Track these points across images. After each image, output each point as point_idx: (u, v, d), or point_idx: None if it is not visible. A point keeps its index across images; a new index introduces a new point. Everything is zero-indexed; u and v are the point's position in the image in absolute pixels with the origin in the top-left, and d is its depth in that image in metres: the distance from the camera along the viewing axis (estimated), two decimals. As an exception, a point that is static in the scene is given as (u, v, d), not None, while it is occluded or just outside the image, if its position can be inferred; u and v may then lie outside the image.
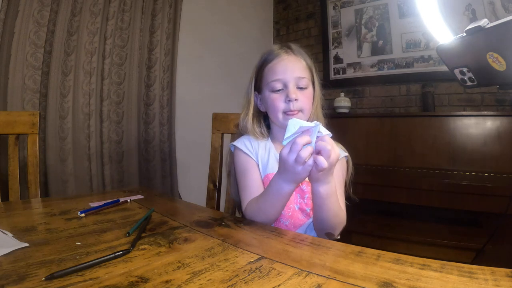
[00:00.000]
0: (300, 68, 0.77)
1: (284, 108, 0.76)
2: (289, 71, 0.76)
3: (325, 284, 0.39)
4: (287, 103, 0.75)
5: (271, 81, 0.77)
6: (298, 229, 0.77)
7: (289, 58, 0.79)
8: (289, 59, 0.78)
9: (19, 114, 1.00)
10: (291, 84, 0.75)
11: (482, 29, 0.52)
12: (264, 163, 0.80)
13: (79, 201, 0.83)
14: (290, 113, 0.75)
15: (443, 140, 1.68)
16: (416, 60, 2.11)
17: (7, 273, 0.41)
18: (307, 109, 0.77)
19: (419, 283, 0.39)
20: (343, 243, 0.56)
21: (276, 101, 0.76)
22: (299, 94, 0.75)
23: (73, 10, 1.52)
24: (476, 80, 0.62)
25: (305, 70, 0.78)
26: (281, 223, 0.77)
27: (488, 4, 1.78)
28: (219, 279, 0.40)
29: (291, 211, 0.77)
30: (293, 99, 0.74)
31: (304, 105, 0.76)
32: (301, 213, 0.78)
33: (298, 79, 0.76)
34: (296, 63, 0.78)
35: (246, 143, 0.82)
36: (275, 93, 0.77)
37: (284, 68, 0.77)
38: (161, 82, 1.91)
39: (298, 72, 0.76)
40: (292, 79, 0.75)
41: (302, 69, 0.77)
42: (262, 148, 0.82)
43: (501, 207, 1.40)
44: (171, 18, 1.95)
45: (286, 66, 0.77)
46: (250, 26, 2.64)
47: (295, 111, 0.75)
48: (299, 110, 0.76)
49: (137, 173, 1.80)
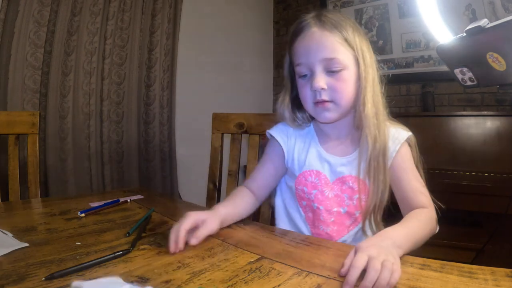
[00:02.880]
0: (329, 46, 0.59)
1: (312, 98, 0.62)
2: (313, 51, 0.60)
3: (325, 284, 0.39)
4: (313, 92, 0.61)
5: (295, 65, 0.64)
6: (343, 237, 0.65)
7: (316, 33, 0.60)
8: (315, 35, 0.60)
9: (19, 114, 1.00)
10: (317, 69, 0.60)
11: (482, 29, 0.52)
12: (301, 159, 0.68)
13: (79, 201, 0.83)
14: (320, 104, 0.61)
15: (443, 140, 1.68)
16: (416, 60, 2.11)
17: (7, 273, 0.40)
18: (343, 98, 0.60)
19: (419, 283, 0.39)
20: (343, 243, 0.56)
21: (303, 89, 0.63)
22: (329, 80, 0.59)
23: (73, 10, 1.52)
24: (476, 80, 0.62)
25: (339, 47, 0.59)
26: (321, 231, 0.65)
27: (488, 4, 1.78)
28: (219, 279, 0.40)
29: (334, 216, 0.64)
30: (318, 89, 0.59)
31: (337, 94, 0.60)
32: (348, 218, 0.64)
33: (326, 61, 0.59)
34: (323, 40, 0.59)
35: (282, 131, 0.72)
36: (302, 79, 0.63)
37: (308, 48, 0.61)
38: (161, 82, 1.91)
39: (326, 52, 0.59)
40: (318, 62, 0.59)
41: (333, 47, 0.59)
42: (301, 141, 0.69)
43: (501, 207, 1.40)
44: (171, 18, 1.95)
45: (309, 45, 0.60)
46: (250, 26, 2.64)
47: (324, 102, 0.60)
48: (331, 101, 0.60)
49: (137, 173, 1.80)
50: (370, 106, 0.61)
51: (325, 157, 0.66)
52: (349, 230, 0.65)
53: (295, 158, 0.69)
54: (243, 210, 0.67)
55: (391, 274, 0.38)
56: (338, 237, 0.64)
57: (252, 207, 0.70)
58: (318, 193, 0.65)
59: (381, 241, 0.45)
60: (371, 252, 0.41)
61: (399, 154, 0.62)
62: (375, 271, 0.38)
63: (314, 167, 0.66)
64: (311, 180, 0.66)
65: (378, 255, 0.40)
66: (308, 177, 0.67)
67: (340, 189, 0.65)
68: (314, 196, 0.65)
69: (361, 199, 0.63)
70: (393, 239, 0.46)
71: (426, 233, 0.54)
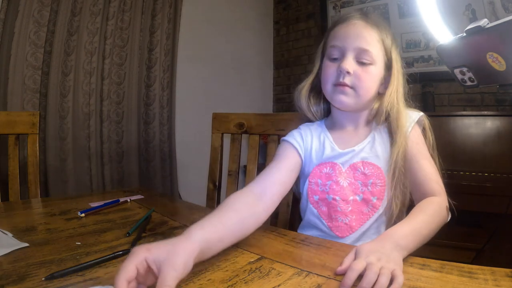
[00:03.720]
0: (366, 38, 0.61)
1: (334, 79, 0.62)
2: (351, 38, 0.62)
3: (325, 284, 0.39)
4: (338, 73, 0.62)
5: (329, 46, 0.65)
6: (362, 226, 0.62)
7: (358, 23, 0.63)
8: (357, 25, 0.63)
9: (19, 114, 1.00)
10: (349, 53, 0.61)
11: (482, 29, 0.52)
12: (318, 156, 0.67)
13: (79, 201, 0.83)
14: (340, 86, 0.62)
15: (443, 140, 1.68)
16: (416, 60, 2.11)
17: (7, 273, 0.40)
18: (364, 88, 0.61)
19: (419, 283, 0.39)
20: (343, 243, 0.56)
21: (327, 69, 0.64)
22: (357, 68, 0.61)
23: (73, 10, 1.52)
24: (476, 80, 0.62)
25: (375, 43, 0.62)
26: (340, 222, 0.63)
27: (488, 4, 1.78)
28: (219, 279, 0.40)
29: (350, 205, 0.62)
30: (344, 70, 0.60)
31: (359, 83, 0.61)
32: (365, 205, 0.62)
33: (360, 51, 0.61)
34: (363, 31, 0.62)
35: (297, 137, 0.68)
36: (330, 61, 0.64)
37: (346, 34, 0.63)
38: (161, 82, 1.91)
39: (363, 42, 0.61)
40: (352, 49, 0.61)
41: (370, 41, 0.61)
42: (316, 141, 0.68)
43: (501, 207, 1.40)
44: (171, 18, 1.95)
45: (349, 32, 0.63)
46: (250, 26, 2.64)
47: (345, 85, 0.61)
48: (351, 87, 0.61)
49: (137, 173, 1.81)
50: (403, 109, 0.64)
51: (337, 149, 0.66)
52: (368, 217, 0.62)
53: (313, 157, 0.67)
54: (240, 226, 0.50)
55: (395, 279, 0.37)
56: (358, 226, 0.62)
57: (256, 219, 0.54)
58: (333, 184, 0.64)
59: (382, 246, 0.43)
60: (370, 259, 0.40)
61: (410, 137, 0.62)
62: (374, 274, 0.38)
63: (330, 160, 0.66)
64: (326, 171, 0.65)
65: (377, 262, 0.40)
66: (323, 169, 0.65)
67: (353, 176, 0.63)
68: (329, 187, 0.64)
69: (375, 183, 0.62)
70: (396, 241, 0.45)
71: (434, 226, 0.53)
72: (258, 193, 0.56)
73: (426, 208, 0.55)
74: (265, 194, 0.56)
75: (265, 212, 0.56)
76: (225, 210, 0.51)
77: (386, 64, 0.64)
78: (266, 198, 0.56)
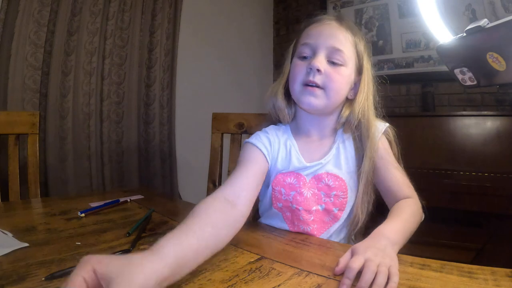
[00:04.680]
0: (340, 38, 0.60)
1: (304, 77, 0.60)
2: (323, 36, 0.60)
3: (325, 284, 0.39)
4: (308, 71, 0.59)
5: (301, 44, 0.62)
6: (323, 234, 0.64)
7: (332, 24, 0.61)
8: (331, 25, 0.61)
9: (19, 114, 1.00)
10: (321, 52, 0.59)
11: (482, 29, 0.52)
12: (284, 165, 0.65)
13: (79, 201, 0.83)
14: (309, 87, 0.59)
15: (443, 140, 1.68)
16: (416, 60, 2.11)
17: (7, 273, 0.40)
18: (334, 90, 0.59)
19: (419, 283, 0.39)
20: (343, 243, 0.56)
21: (297, 68, 0.61)
22: (328, 67, 0.59)
23: (73, 10, 1.52)
24: (476, 80, 0.62)
25: (348, 45, 0.60)
26: (301, 229, 0.64)
27: (488, 4, 1.78)
28: (219, 279, 0.40)
29: (313, 215, 0.63)
30: (314, 68, 0.58)
31: (330, 83, 0.58)
32: (327, 215, 0.63)
33: (332, 50, 0.59)
34: (336, 32, 0.60)
35: (265, 142, 0.64)
36: (300, 60, 0.62)
37: (319, 33, 0.60)
38: (161, 82, 1.91)
39: (336, 41, 0.59)
40: (324, 47, 0.59)
41: (343, 41, 0.60)
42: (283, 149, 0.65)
43: (501, 207, 1.40)
44: (171, 18, 1.95)
45: (322, 30, 0.61)
46: (250, 26, 2.64)
47: (314, 85, 0.59)
48: (321, 87, 0.59)
49: (137, 173, 1.80)
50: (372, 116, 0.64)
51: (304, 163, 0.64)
52: (329, 226, 0.63)
53: (278, 165, 0.65)
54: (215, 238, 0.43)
55: (391, 278, 0.38)
56: (319, 234, 0.63)
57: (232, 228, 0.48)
58: (296, 194, 0.63)
59: (377, 242, 0.45)
60: (368, 255, 0.41)
61: (380, 147, 0.63)
62: (371, 272, 0.38)
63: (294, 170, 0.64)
64: (290, 181, 0.64)
65: (374, 257, 0.40)
66: (287, 178, 0.64)
67: (317, 187, 0.63)
68: (292, 197, 0.63)
69: (338, 195, 0.62)
70: (389, 238, 0.47)
71: (415, 225, 0.55)
72: (231, 200, 0.51)
73: (406, 207, 0.57)
74: (239, 200, 0.52)
75: (241, 219, 0.51)
76: (198, 219, 0.43)
77: (357, 68, 0.63)
78: (241, 205, 0.51)
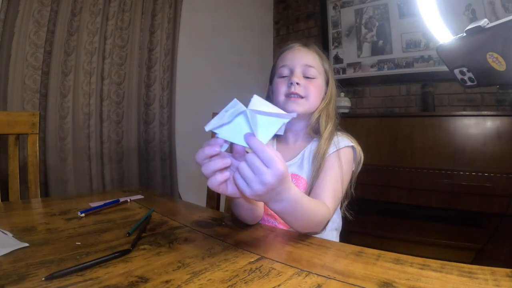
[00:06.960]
0: (310, 58, 0.76)
1: (286, 90, 0.74)
2: (297, 58, 0.76)
3: (325, 284, 0.39)
4: (289, 85, 0.73)
5: (280, 67, 0.77)
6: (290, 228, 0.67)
7: (301, 49, 0.78)
8: (301, 50, 0.78)
9: (19, 114, 1.00)
10: (297, 69, 0.74)
11: (482, 29, 0.52)
12: None
13: (79, 201, 0.83)
14: (292, 96, 0.73)
15: (443, 140, 1.68)
16: (416, 60, 2.11)
17: (7, 273, 0.40)
18: (312, 97, 0.74)
19: (419, 283, 0.39)
20: (343, 243, 0.56)
21: (279, 85, 0.76)
22: (304, 81, 0.74)
23: (73, 10, 1.52)
24: (476, 80, 0.62)
25: (316, 63, 0.77)
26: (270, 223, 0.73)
27: (488, 4, 1.78)
28: (219, 279, 0.40)
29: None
30: (294, 82, 0.72)
31: (309, 92, 0.73)
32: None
33: (305, 67, 0.75)
34: (306, 54, 0.77)
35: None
36: (281, 79, 0.77)
37: (293, 56, 0.77)
38: (161, 82, 1.91)
39: (308, 60, 0.75)
40: (299, 66, 0.75)
41: (312, 61, 0.76)
42: None
43: (501, 207, 1.40)
44: (171, 18, 1.95)
45: (295, 54, 0.77)
46: (250, 26, 2.64)
47: (296, 95, 0.72)
48: (303, 96, 0.73)
49: (137, 173, 1.80)
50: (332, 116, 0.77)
51: None
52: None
53: None
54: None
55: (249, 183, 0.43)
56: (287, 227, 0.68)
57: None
58: None
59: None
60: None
61: (330, 157, 0.71)
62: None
63: None
64: None
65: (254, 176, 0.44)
66: None
67: None
68: None
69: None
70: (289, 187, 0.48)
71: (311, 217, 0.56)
72: None
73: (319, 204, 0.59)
74: None
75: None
76: None
77: (325, 81, 0.79)
78: None
